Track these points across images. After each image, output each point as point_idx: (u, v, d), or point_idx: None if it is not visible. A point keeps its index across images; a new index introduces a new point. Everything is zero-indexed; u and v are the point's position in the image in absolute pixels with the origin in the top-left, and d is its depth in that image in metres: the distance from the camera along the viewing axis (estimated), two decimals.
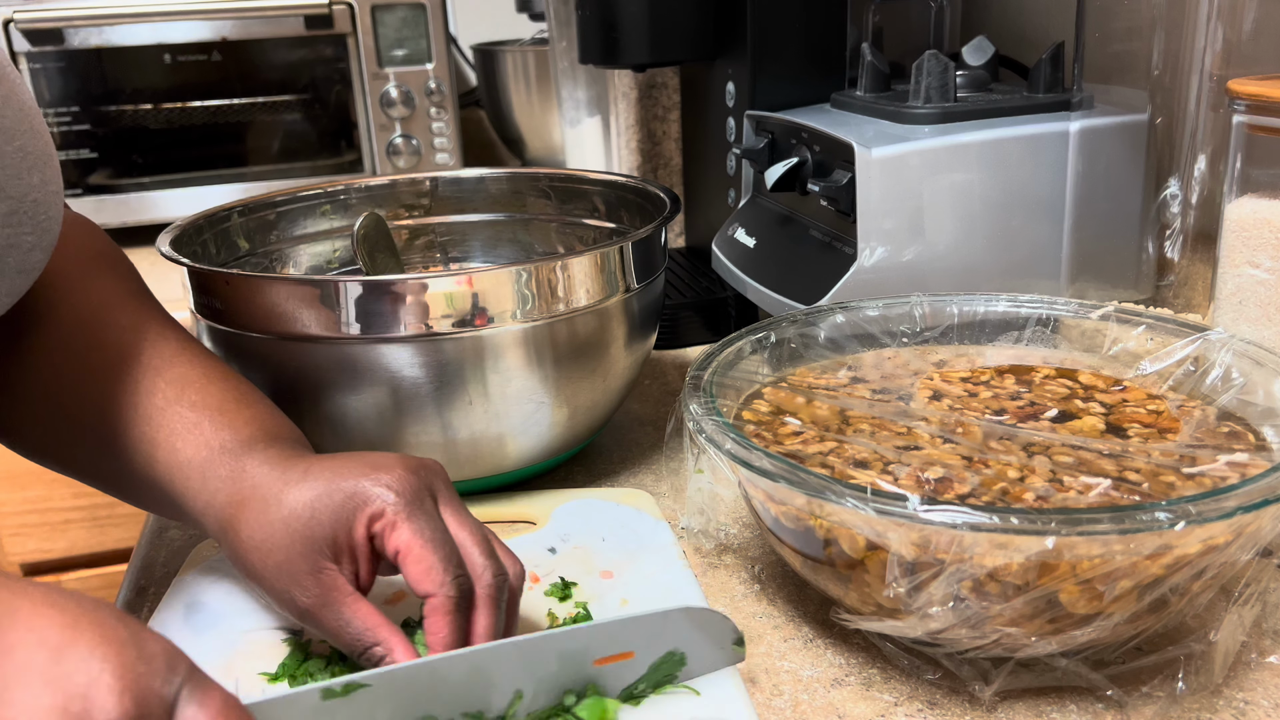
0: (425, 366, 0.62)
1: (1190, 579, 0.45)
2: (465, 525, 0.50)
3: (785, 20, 0.88)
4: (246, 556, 0.50)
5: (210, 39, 1.39)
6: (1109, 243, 0.78)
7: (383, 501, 0.48)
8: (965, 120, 0.76)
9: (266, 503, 0.49)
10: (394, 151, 1.46)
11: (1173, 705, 0.48)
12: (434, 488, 0.50)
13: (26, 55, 1.34)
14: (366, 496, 0.48)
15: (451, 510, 0.50)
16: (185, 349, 0.58)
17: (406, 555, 0.47)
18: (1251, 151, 0.63)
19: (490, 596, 0.48)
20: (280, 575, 0.49)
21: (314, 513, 0.48)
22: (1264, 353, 0.57)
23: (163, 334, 0.58)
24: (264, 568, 0.49)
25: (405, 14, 1.42)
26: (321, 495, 0.49)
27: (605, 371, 0.69)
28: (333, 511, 0.48)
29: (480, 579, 0.48)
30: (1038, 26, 0.98)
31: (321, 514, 0.48)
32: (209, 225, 0.77)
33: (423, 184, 0.89)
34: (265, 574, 0.49)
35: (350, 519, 0.48)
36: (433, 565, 0.47)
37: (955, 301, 0.67)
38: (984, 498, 0.49)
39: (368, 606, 0.48)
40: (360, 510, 0.48)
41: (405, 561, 0.47)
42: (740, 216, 0.92)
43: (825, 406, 0.59)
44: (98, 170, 1.42)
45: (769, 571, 0.61)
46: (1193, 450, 0.52)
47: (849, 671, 0.52)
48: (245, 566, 0.51)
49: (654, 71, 1.12)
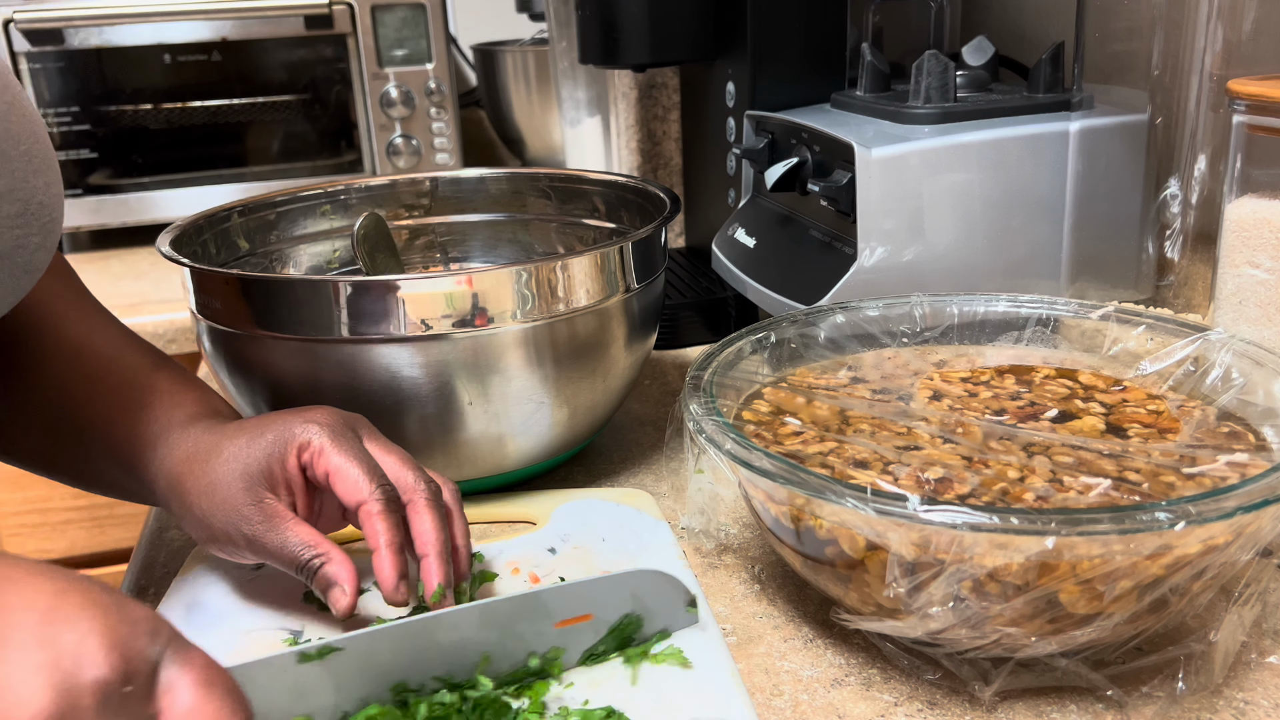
0: (425, 366, 0.62)
1: (1190, 579, 0.45)
2: (392, 452, 0.55)
3: (785, 20, 0.88)
4: (194, 504, 0.54)
5: (210, 39, 1.39)
6: (1109, 243, 0.78)
7: (308, 434, 0.53)
8: (965, 120, 0.76)
9: (208, 455, 0.55)
10: (394, 151, 1.46)
11: (1173, 705, 0.48)
12: (357, 427, 0.56)
13: (26, 55, 1.34)
14: (294, 431, 0.54)
15: (377, 443, 0.55)
16: (131, 341, 0.63)
17: (334, 475, 0.53)
18: (1251, 151, 0.63)
19: (428, 501, 0.53)
20: (225, 510, 0.53)
21: (249, 452, 0.54)
22: (1264, 353, 0.57)
23: (109, 328, 0.63)
24: (210, 508, 0.54)
25: (405, 14, 1.42)
26: (254, 437, 0.54)
27: (605, 371, 0.69)
28: (265, 448, 0.53)
29: (414, 489, 0.53)
30: (1038, 26, 0.98)
31: (256, 451, 0.53)
32: (209, 225, 0.77)
33: (423, 184, 0.89)
34: (213, 515, 0.54)
35: (282, 452, 0.53)
36: (358, 478, 0.52)
37: (955, 301, 0.67)
38: (984, 498, 0.49)
39: (307, 526, 0.53)
40: (290, 443, 0.53)
41: (334, 481, 0.53)
42: (740, 216, 0.92)
43: (825, 406, 0.59)
44: (98, 170, 1.42)
45: (769, 571, 0.61)
46: (1193, 450, 0.52)
47: (849, 671, 0.52)
48: (194, 515, 0.55)
49: (654, 71, 1.12)
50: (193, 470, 0.55)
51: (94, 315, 0.63)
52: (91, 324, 0.62)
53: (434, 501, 0.54)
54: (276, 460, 0.53)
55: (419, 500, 0.53)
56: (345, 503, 0.53)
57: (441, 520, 0.53)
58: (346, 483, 0.52)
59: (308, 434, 0.53)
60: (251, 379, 0.66)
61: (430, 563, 0.52)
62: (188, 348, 1.21)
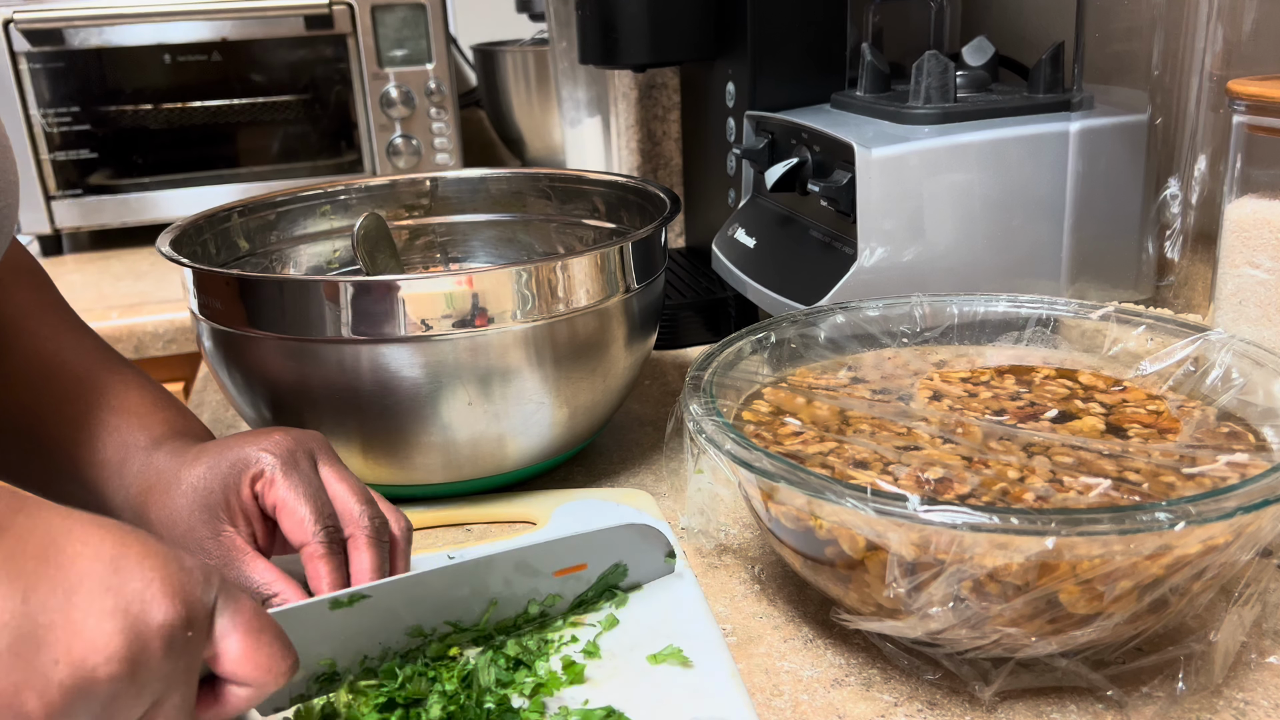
0: (425, 366, 0.62)
1: (1190, 579, 0.45)
2: (344, 480, 0.55)
3: (785, 20, 0.88)
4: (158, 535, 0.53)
5: (210, 39, 1.39)
6: (1109, 243, 0.78)
7: (261, 463, 0.53)
8: (965, 120, 0.76)
9: (169, 485, 0.55)
10: (394, 151, 1.46)
11: (1173, 705, 0.48)
12: (312, 450, 0.56)
13: (26, 55, 1.34)
14: (248, 460, 0.54)
15: (331, 468, 0.56)
16: (105, 357, 0.62)
17: (280, 509, 0.53)
18: (1251, 151, 0.63)
19: (369, 538, 0.53)
20: (189, 544, 0.53)
21: (207, 482, 0.54)
22: (1264, 353, 0.57)
23: (81, 343, 0.63)
24: (174, 541, 0.54)
25: (405, 14, 1.42)
26: (212, 466, 0.54)
27: (605, 371, 0.69)
28: (221, 478, 0.54)
29: (358, 523, 0.53)
30: (1038, 26, 0.98)
31: (213, 482, 0.54)
32: (209, 225, 0.77)
33: (423, 184, 0.89)
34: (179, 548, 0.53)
35: (237, 481, 0.53)
36: (304, 517, 0.52)
37: (955, 302, 0.67)
38: (984, 498, 0.49)
39: (264, 562, 0.53)
40: (244, 473, 0.53)
41: (280, 516, 0.53)
42: (740, 216, 0.92)
43: (825, 407, 0.59)
44: (98, 170, 1.42)
45: (769, 571, 0.61)
46: (1193, 450, 0.52)
47: (849, 671, 0.52)
48: None
49: (654, 71, 1.12)
50: (154, 501, 0.55)
51: (66, 330, 0.63)
52: (62, 340, 0.62)
53: (375, 539, 0.54)
54: (232, 490, 0.54)
55: (360, 536, 0.53)
56: (290, 541, 0.53)
57: (381, 558, 0.53)
58: (292, 521, 0.53)
59: (261, 464, 0.53)
60: (251, 379, 0.66)
61: None
62: (188, 348, 1.21)
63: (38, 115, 1.37)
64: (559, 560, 0.54)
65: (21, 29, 1.32)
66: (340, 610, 0.48)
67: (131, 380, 0.62)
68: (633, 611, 0.56)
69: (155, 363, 1.22)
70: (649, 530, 0.57)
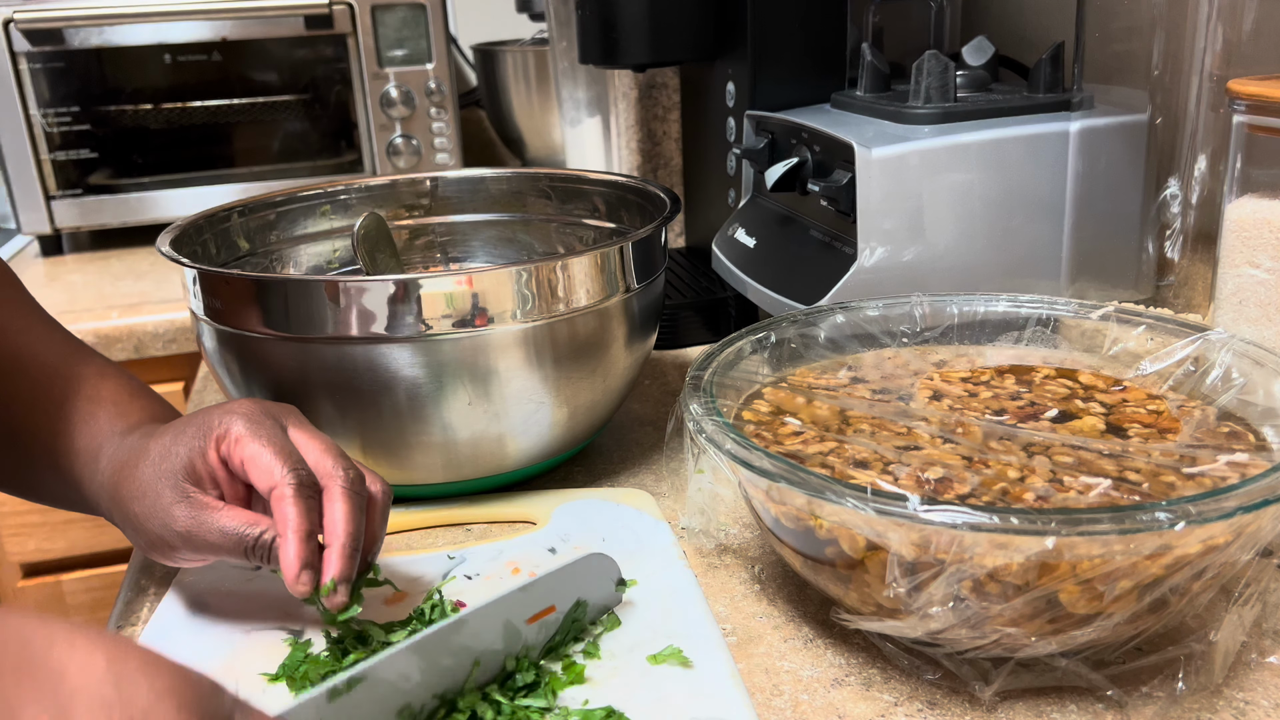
0: (425, 366, 0.62)
1: (1190, 579, 0.45)
2: (316, 438, 0.54)
3: (785, 20, 0.88)
4: (130, 512, 0.54)
5: (210, 39, 1.39)
6: (1109, 243, 0.78)
7: (226, 424, 0.52)
8: (965, 120, 0.76)
9: (138, 460, 0.54)
10: (394, 151, 1.46)
11: (1173, 705, 0.48)
12: (282, 418, 0.54)
13: (26, 55, 1.34)
14: (213, 423, 0.53)
15: (303, 431, 0.54)
16: (77, 349, 0.62)
17: (248, 462, 0.51)
18: (1251, 151, 0.63)
19: (344, 488, 0.51)
20: (157, 512, 0.52)
21: (172, 449, 0.53)
22: (1264, 353, 0.57)
23: (52, 337, 0.62)
24: (143, 513, 0.53)
25: (405, 14, 1.42)
26: (177, 434, 0.53)
27: (605, 371, 0.69)
28: (186, 442, 0.53)
29: (332, 474, 0.52)
30: (1038, 26, 0.98)
31: (178, 447, 0.53)
32: (209, 225, 0.77)
33: (423, 184, 0.89)
34: (148, 520, 0.53)
35: (202, 444, 0.52)
36: (271, 462, 0.51)
37: (955, 301, 0.67)
38: (984, 498, 0.49)
39: (236, 509, 0.52)
40: (209, 435, 0.52)
41: (248, 468, 0.51)
42: (740, 216, 0.92)
43: (825, 406, 0.59)
44: (98, 170, 1.42)
45: (769, 571, 0.61)
46: (1193, 450, 0.52)
47: (849, 671, 0.52)
48: (132, 524, 0.54)
49: (654, 71, 1.12)
50: (125, 477, 0.54)
51: (37, 324, 0.62)
52: (34, 334, 0.61)
53: (351, 490, 0.51)
54: (198, 454, 0.52)
55: (334, 486, 0.51)
56: (259, 489, 0.51)
57: (357, 510, 0.51)
58: (259, 468, 0.51)
59: (225, 424, 0.52)
60: (252, 379, 0.66)
61: (330, 554, 0.50)
62: (188, 348, 1.21)
63: (38, 115, 1.37)
64: (532, 605, 0.51)
65: (21, 29, 1.32)
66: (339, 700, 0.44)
67: (108, 371, 0.61)
68: (633, 611, 0.56)
69: (155, 363, 1.22)
70: (602, 559, 0.55)
